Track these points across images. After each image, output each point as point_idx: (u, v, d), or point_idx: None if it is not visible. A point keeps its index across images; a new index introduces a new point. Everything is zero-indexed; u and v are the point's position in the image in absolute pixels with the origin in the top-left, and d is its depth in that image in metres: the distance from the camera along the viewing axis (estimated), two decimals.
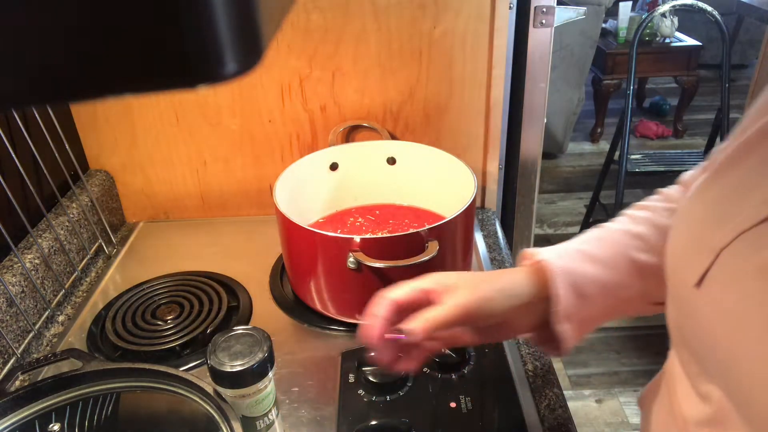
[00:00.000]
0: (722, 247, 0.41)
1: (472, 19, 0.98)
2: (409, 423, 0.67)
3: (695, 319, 0.44)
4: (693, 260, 0.44)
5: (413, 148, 1.00)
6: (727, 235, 0.41)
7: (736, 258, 0.41)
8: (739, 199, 0.43)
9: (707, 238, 0.43)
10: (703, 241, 0.44)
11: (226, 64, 0.18)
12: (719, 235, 0.42)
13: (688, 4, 2.16)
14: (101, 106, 1.03)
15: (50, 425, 0.66)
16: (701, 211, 0.46)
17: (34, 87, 0.18)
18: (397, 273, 0.78)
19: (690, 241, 0.46)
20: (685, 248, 0.46)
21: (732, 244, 0.41)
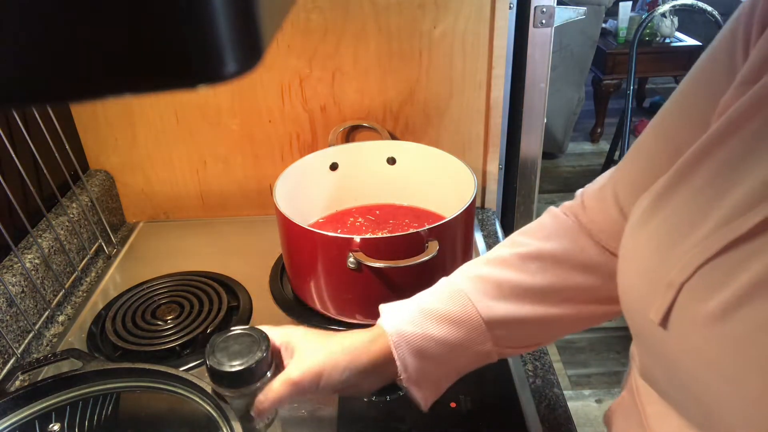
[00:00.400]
0: (682, 282, 0.39)
1: (472, 19, 0.98)
2: (409, 423, 0.67)
3: (664, 358, 0.42)
4: (652, 298, 0.41)
5: (413, 148, 1.00)
6: (686, 269, 0.39)
7: (697, 295, 0.39)
8: (689, 226, 0.40)
9: (663, 272, 0.41)
10: (659, 275, 0.41)
11: (226, 64, 0.18)
12: (676, 269, 0.40)
13: (688, 4, 2.16)
14: (101, 106, 1.03)
15: (50, 425, 0.66)
16: (650, 240, 0.44)
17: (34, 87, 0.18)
18: (397, 273, 0.79)
19: (645, 277, 0.43)
20: (641, 285, 0.44)
21: (692, 280, 0.39)
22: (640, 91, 4.06)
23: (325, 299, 0.84)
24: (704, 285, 0.38)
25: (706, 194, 0.40)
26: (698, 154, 0.42)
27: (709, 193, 0.40)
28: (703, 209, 0.40)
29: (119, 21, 0.17)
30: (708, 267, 0.38)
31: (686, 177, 0.42)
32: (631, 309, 0.46)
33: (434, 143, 1.00)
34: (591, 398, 2.00)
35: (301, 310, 0.88)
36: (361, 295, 0.82)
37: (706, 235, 0.39)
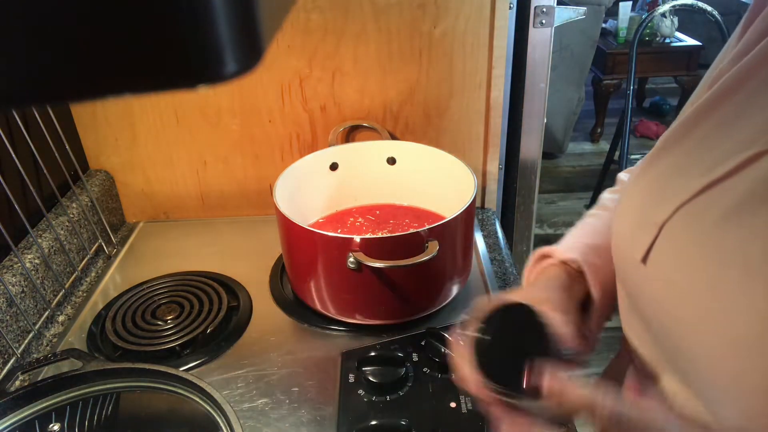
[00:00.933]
0: (663, 221, 0.43)
1: (472, 19, 0.98)
2: (409, 423, 0.67)
3: (643, 293, 0.46)
4: (637, 237, 0.46)
5: (413, 148, 1.00)
6: (668, 209, 0.43)
7: (676, 231, 0.43)
8: (678, 175, 0.44)
9: (649, 214, 0.45)
10: (645, 217, 0.45)
11: (226, 64, 0.18)
12: (660, 210, 0.44)
13: (688, 4, 2.16)
14: (101, 106, 1.03)
15: (50, 425, 0.66)
16: (643, 189, 0.48)
17: (33, 87, 0.18)
18: (397, 273, 0.79)
19: (634, 219, 0.47)
20: (629, 226, 0.48)
21: (672, 218, 0.43)
22: (640, 91, 4.06)
23: (325, 299, 0.84)
24: (682, 222, 0.42)
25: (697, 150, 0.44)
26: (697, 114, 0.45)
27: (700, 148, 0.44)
28: (693, 161, 0.44)
29: (119, 21, 0.17)
30: (687, 206, 0.42)
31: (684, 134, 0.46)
32: (619, 251, 0.50)
33: (434, 143, 1.00)
34: None
35: (301, 310, 0.88)
36: (361, 295, 0.82)
37: (689, 180, 0.43)
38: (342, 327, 0.84)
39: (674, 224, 0.43)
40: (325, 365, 0.78)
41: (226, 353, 0.81)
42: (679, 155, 0.46)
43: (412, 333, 0.81)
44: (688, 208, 0.42)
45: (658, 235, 0.44)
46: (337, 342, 0.82)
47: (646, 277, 0.45)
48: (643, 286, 0.46)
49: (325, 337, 0.84)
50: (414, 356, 0.77)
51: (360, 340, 0.82)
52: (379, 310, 0.83)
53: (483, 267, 0.97)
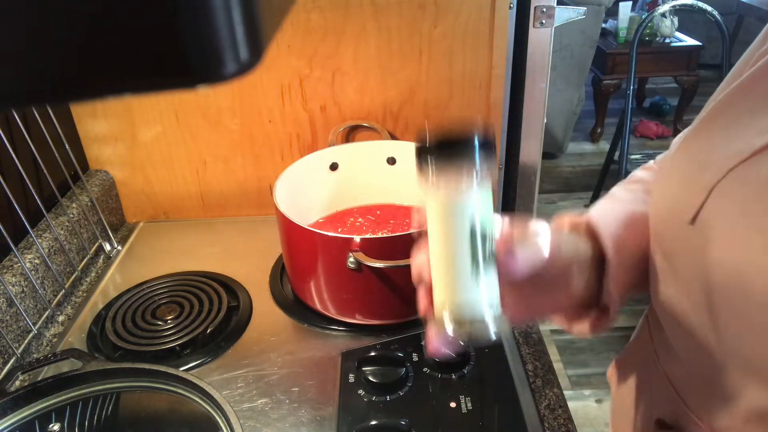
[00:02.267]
0: (713, 185, 0.43)
1: (472, 19, 0.98)
2: (409, 423, 0.67)
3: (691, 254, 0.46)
4: (685, 201, 0.46)
5: (413, 148, 1.00)
6: (718, 173, 0.43)
7: (729, 191, 0.43)
8: (727, 141, 0.45)
9: (697, 179, 0.45)
10: (693, 182, 0.46)
11: (226, 64, 0.18)
12: (709, 173, 0.44)
13: (688, 4, 2.16)
14: (101, 106, 1.03)
15: (50, 425, 0.66)
16: (689, 156, 0.48)
17: (34, 87, 0.18)
18: (397, 273, 0.79)
19: (680, 185, 0.48)
20: (674, 190, 0.48)
21: (722, 181, 0.43)
22: (640, 91, 4.06)
23: (325, 299, 0.84)
24: (733, 184, 0.43)
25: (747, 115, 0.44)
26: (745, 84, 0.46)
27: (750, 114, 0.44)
28: (743, 126, 0.44)
29: (119, 21, 0.17)
30: (738, 168, 0.42)
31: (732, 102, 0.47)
32: (662, 215, 0.50)
33: None
34: (591, 398, 2.00)
35: (301, 310, 0.88)
36: (361, 295, 0.82)
37: (741, 144, 0.43)
38: (342, 327, 0.84)
39: (726, 185, 0.43)
40: (325, 365, 0.78)
41: (226, 353, 0.81)
42: (728, 122, 0.46)
43: (412, 333, 0.81)
44: (740, 169, 0.42)
45: (708, 196, 0.44)
46: (337, 342, 0.82)
47: (695, 238, 0.45)
48: (692, 247, 0.46)
49: (325, 337, 0.84)
50: (414, 356, 0.77)
51: (360, 340, 0.82)
52: (379, 310, 0.83)
53: None
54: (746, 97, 0.46)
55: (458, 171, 0.44)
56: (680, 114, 3.65)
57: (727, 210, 0.43)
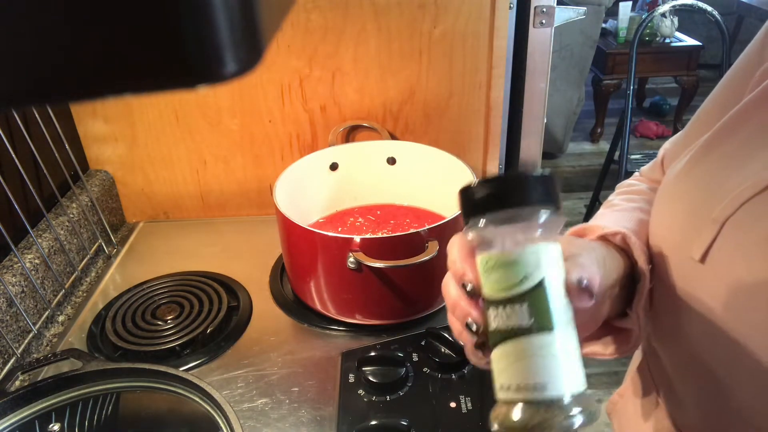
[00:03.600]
0: (725, 218, 0.41)
1: (472, 19, 0.98)
2: (409, 423, 0.67)
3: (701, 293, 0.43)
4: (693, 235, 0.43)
5: (413, 148, 1.00)
6: (730, 206, 0.40)
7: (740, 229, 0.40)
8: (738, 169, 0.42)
9: (706, 211, 0.42)
10: (702, 214, 0.43)
11: (226, 64, 0.18)
12: (720, 207, 0.41)
13: (688, 4, 2.16)
14: (101, 106, 1.03)
15: (50, 425, 0.66)
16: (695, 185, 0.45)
17: (34, 87, 0.18)
18: (397, 273, 0.79)
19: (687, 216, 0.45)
20: (683, 224, 0.45)
21: (735, 215, 0.40)
22: (640, 91, 4.06)
23: (325, 299, 0.84)
24: (748, 219, 0.39)
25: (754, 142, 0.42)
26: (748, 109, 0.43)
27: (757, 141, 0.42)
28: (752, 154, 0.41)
29: (119, 21, 0.17)
30: (752, 202, 0.39)
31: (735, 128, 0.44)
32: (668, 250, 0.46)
33: (434, 143, 1.00)
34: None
35: (301, 310, 0.88)
36: (361, 295, 0.82)
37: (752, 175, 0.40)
38: (342, 327, 0.84)
39: (738, 222, 0.40)
40: (325, 365, 0.78)
41: (226, 353, 0.81)
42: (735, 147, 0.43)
43: (412, 333, 0.81)
44: (752, 205, 0.40)
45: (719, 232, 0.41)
46: (337, 342, 0.82)
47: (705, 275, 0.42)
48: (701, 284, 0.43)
49: (325, 337, 0.84)
50: (414, 356, 0.77)
51: (360, 340, 0.82)
52: (379, 310, 0.83)
53: None
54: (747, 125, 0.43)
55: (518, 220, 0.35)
56: (680, 114, 3.65)
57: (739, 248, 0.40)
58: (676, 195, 0.47)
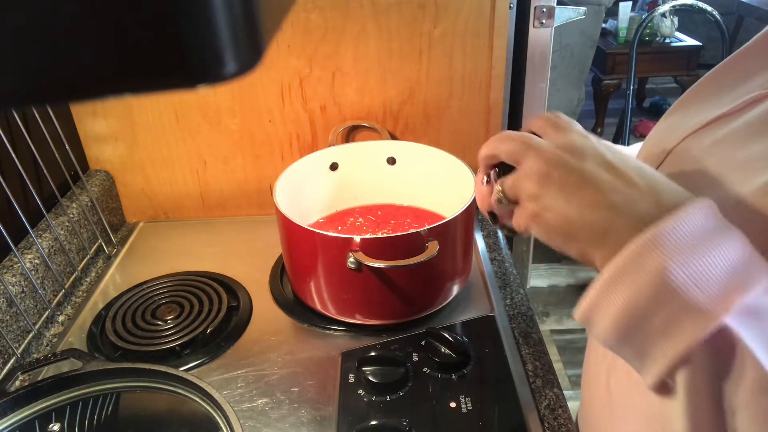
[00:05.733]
0: (671, 148, 0.50)
1: (472, 19, 0.98)
2: (409, 423, 0.67)
3: None
4: (650, 162, 0.52)
5: (413, 148, 1.00)
6: (676, 138, 0.50)
7: (678, 157, 0.49)
8: (693, 114, 0.51)
9: (661, 143, 0.52)
10: (659, 146, 0.52)
11: (226, 64, 0.18)
12: (669, 138, 0.51)
13: (688, 4, 2.16)
14: (101, 106, 1.03)
15: (50, 425, 0.66)
16: (665, 124, 0.55)
17: (34, 87, 0.18)
18: (397, 273, 0.79)
19: (650, 148, 0.54)
20: (646, 155, 0.54)
21: (678, 146, 0.49)
22: (640, 91, 4.06)
23: (325, 299, 0.84)
24: (686, 149, 0.49)
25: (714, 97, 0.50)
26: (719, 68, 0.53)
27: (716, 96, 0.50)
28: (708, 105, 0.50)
29: (119, 21, 0.17)
30: (693, 135, 0.48)
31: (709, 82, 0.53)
32: None
33: (434, 143, 1.00)
34: None
35: (301, 310, 0.88)
36: (361, 295, 0.82)
37: (697, 118, 0.49)
38: (342, 327, 0.84)
39: (679, 150, 0.49)
40: (325, 365, 0.78)
41: (226, 353, 0.81)
42: (698, 101, 0.52)
43: (412, 333, 0.81)
44: (694, 136, 0.48)
45: (664, 159, 0.50)
46: (337, 342, 0.82)
47: None
48: None
49: (325, 337, 0.84)
50: (414, 356, 0.77)
51: (360, 340, 0.82)
52: (379, 310, 0.83)
53: (483, 267, 0.97)
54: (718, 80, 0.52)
55: None
56: None
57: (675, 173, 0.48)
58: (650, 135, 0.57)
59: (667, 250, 0.35)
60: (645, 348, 0.36)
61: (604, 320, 0.37)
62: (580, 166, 0.41)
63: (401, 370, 0.73)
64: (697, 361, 0.34)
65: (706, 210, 0.36)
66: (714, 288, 0.34)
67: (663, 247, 0.35)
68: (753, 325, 0.33)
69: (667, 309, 0.34)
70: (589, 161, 0.41)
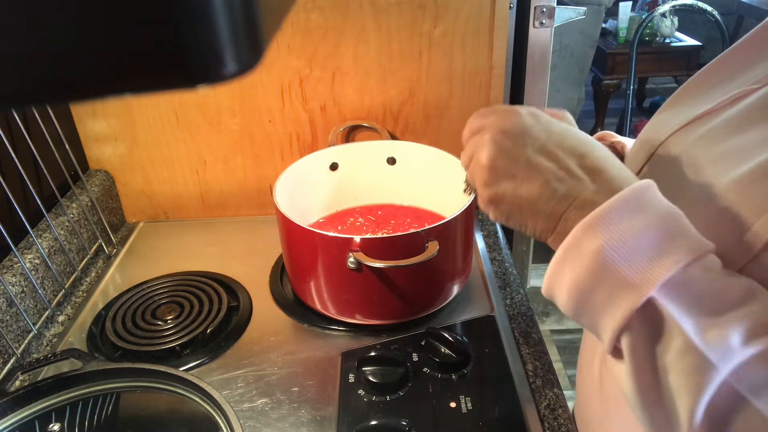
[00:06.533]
0: (658, 145, 0.52)
1: (472, 19, 0.98)
2: (409, 423, 0.67)
3: None
4: (637, 157, 0.55)
5: (413, 148, 1.00)
6: (663, 135, 0.52)
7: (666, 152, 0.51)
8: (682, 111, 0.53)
9: (650, 140, 0.54)
10: (647, 143, 0.55)
11: (226, 64, 0.18)
12: (657, 135, 0.53)
13: (688, 4, 2.16)
14: (101, 106, 1.03)
15: (50, 425, 0.66)
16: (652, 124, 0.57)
17: (34, 87, 0.18)
18: (397, 273, 0.79)
19: (639, 145, 0.56)
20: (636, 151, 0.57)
21: (664, 142, 0.52)
22: (640, 91, 4.06)
23: (325, 299, 0.84)
24: (670, 145, 0.51)
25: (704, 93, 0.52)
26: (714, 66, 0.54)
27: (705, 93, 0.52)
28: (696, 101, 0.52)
29: (119, 22, 0.17)
30: (678, 132, 0.51)
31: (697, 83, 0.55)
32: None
33: (434, 143, 1.00)
34: None
35: (301, 310, 0.88)
36: (361, 295, 0.82)
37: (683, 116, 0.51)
38: (342, 327, 0.84)
39: (665, 146, 0.51)
40: (325, 365, 0.78)
41: (226, 353, 0.81)
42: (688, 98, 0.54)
43: (412, 333, 0.81)
44: (679, 133, 0.50)
45: (652, 154, 0.52)
46: (337, 342, 0.82)
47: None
48: None
49: (325, 337, 0.84)
50: (414, 356, 0.77)
51: (360, 340, 0.82)
52: (379, 310, 0.83)
53: (483, 267, 0.97)
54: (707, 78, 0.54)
55: None
56: None
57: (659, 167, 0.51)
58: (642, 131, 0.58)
59: (602, 233, 0.39)
60: (596, 319, 0.41)
61: (561, 296, 0.43)
62: (522, 154, 0.44)
63: (401, 370, 0.73)
64: (635, 328, 0.39)
65: (641, 191, 0.41)
66: (641, 266, 0.38)
67: (599, 231, 0.40)
68: (679, 294, 0.38)
69: (605, 285, 0.39)
70: (529, 148, 0.44)
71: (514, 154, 0.44)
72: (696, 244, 0.39)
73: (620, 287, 0.39)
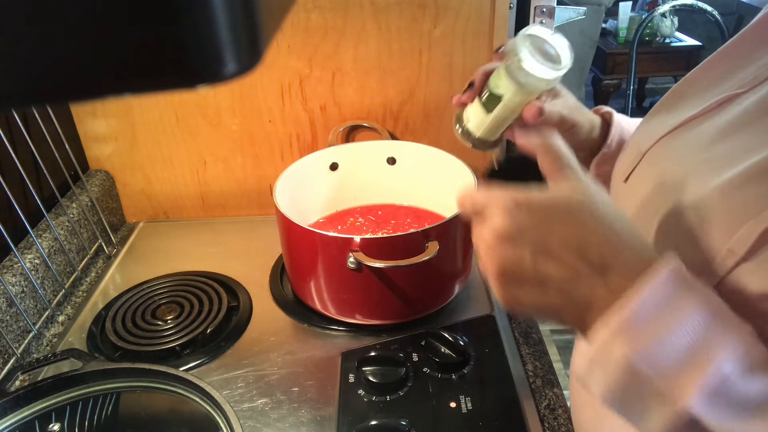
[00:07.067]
0: (647, 149, 0.53)
1: (472, 19, 0.98)
2: (409, 423, 0.67)
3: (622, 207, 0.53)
4: (625, 162, 0.56)
5: (413, 148, 1.00)
6: (652, 139, 0.52)
7: (653, 156, 0.52)
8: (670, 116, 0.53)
9: (638, 146, 0.55)
10: (635, 149, 0.55)
11: (226, 64, 0.18)
12: (646, 140, 0.53)
13: (688, 4, 2.16)
14: (101, 106, 1.03)
15: (50, 425, 0.66)
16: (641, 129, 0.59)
17: (34, 87, 0.18)
18: (397, 273, 0.79)
19: (628, 151, 0.58)
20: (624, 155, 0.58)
21: (653, 147, 0.52)
22: (640, 91, 4.06)
23: (325, 299, 0.84)
24: (659, 150, 0.52)
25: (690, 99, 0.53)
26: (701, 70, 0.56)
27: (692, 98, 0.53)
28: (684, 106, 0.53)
29: (119, 22, 0.17)
30: (667, 137, 0.51)
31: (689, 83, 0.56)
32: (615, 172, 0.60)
33: (434, 143, 1.00)
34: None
35: (301, 310, 0.88)
36: (361, 295, 0.82)
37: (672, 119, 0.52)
38: (342, 327, 0.84)
39: (654, 151, 0.52)
40: (325, 365, 0.78)
41: (226, 353, 0.81)
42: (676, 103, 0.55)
43: (412, 333, 0.81)
44: (668, 137, 0.51)
45: (641, 160, 0.53)
46: (337, 342, 0.82)
47: (625, 194, 0.54)
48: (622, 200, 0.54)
49: (325, 337, 0.84)
50: (414, 356, 0.77)
51: (360, 340, 0.82)
52: (379, 310, 0.83)
53: None
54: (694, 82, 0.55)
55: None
56: None
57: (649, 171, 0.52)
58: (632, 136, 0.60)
59: (628, 339, 0.37)
60: (633, 421, 0.40)
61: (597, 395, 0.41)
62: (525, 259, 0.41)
63: (401, 370, 0.73)
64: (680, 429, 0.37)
65: (662, 283, 0.38)
66: (674, 375, 0.36)
67: (624, 337, 0.37)
68: (715, 401, 0.36)
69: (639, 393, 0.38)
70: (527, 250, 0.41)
71: (517, 262, 0.42)
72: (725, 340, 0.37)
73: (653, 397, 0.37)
